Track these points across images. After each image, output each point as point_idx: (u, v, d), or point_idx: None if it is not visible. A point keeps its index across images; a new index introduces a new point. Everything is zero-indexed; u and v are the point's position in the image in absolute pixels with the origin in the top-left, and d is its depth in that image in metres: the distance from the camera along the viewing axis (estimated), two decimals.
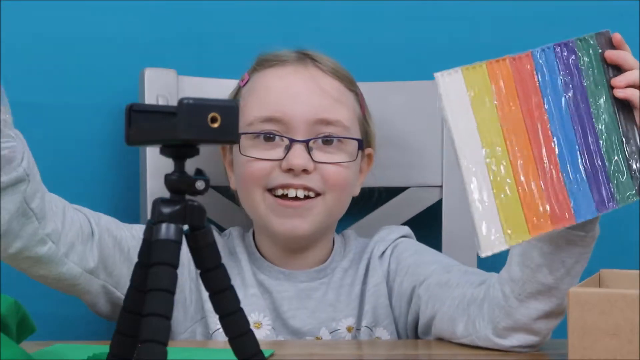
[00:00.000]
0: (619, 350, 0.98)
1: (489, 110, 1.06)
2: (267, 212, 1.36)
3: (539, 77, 1.10)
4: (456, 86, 1.05)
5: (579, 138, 1.11)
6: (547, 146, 1.09)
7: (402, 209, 1.58)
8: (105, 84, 1.60)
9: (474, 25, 1.64)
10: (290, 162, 1.34)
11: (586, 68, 1.12)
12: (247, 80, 1.43)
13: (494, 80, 1.07)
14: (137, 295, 0.83)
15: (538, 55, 1.10)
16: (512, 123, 1.07)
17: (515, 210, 1.06)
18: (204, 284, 0.84)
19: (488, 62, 1.07)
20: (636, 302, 0.97)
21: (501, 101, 1.07)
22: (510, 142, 1.07)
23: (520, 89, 1.08)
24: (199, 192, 0.82)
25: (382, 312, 1.38)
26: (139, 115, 0.83)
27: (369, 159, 1.45)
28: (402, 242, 1.43)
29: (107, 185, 1.61)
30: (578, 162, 1.10)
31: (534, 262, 1.16)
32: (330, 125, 1.37)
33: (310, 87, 1.38)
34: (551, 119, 1.10)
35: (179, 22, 1.62)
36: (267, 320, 1.36)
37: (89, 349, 1.15)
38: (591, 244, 1.16)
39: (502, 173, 1.06)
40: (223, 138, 0.80)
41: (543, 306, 1.18)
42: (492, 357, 1.20)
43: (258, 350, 0.84)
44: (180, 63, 1.58)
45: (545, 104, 1.10)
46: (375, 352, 1.32)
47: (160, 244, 0.80)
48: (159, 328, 0.78)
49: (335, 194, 1.37)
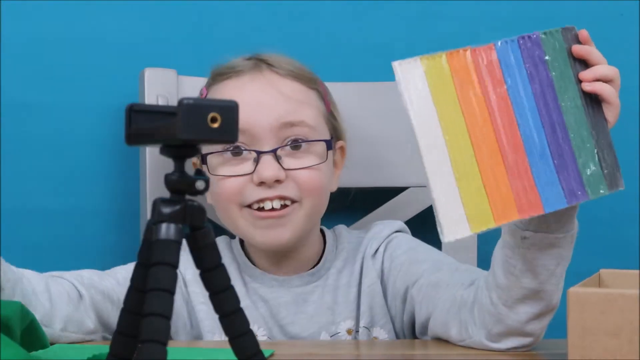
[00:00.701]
0: (619, 350, 0.98)
1: (450, 100, 1.06)
2: (247, 226, 1.35)
3: (503, 68, 1.09)
4: (415, 75, 1.05)
5: (547, 129, 1.10)
6: (513, 137, 1.08)
7: (402, 209, 1.58)
8: (105, 84, 1.60)
9: (474, 25, 1.64)
10: (260, 175, 1.32)
11: (552, 61, 1.12)
12: (205, 95, 1.40)
13: (454, 70, 1.07)
14: (137, 295, 0.83)
15: (501, 47, 1.10)
16: (475, 113, 1.07)
17: (479, 198, 1.06)
18: (204, 284, 0.84)
19: (448, 53, 1.07)
20: (636, 302, 0.97)
21: (462, 91, 1.07)
22: (474, 132, 1.07)
23: (482, 80, 1.08)
24: (199, 192, 0.82)
25: (378, 312, 1.38)
26: (139, 115, 0.83)
27: (341, 152, 1.44)
28: (395, 237, 1.42)
29: (107, 185, 1.61)
30: (546, 153, 1.10)
31: (517, 269, 1.16)
32: (295, 127, 1.35)
33: (270, 93, 1.36)
34: (517, 109, 1.09)
35: (179, 22, 1.62)
36: (262, 331, 1.36)
37: (89, 349, 1.15)
38: (571, 243, 1.16)
39: (465, 161, 1.06)
40: (223, 138, 0.80)
41: (531, 309, 1.18)
42: (490, 357, 1.20)
43: (258, 350, 0.84)
44: (180, 63, 1.58)
45: (510, 95, 1.09)
46: (374, 352, 1.32)
47: (160, 244, 0.80)
48: (159, 328, 0.78)
49: (311, 199, 1.35)
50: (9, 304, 1.04)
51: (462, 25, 1.64)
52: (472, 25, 1.64)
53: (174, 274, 0.79)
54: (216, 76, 1.40)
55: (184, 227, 0.82)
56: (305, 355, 1.23)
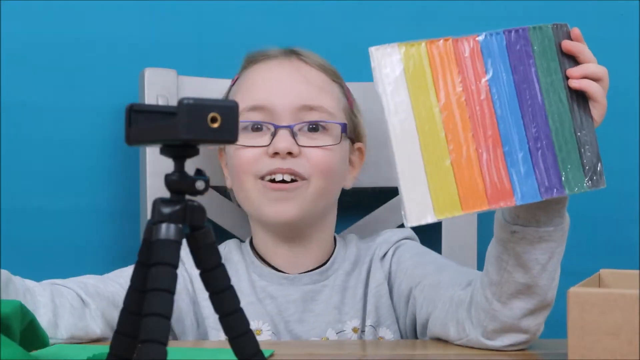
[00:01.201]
0: (619, 350, 0.98)
1: (425, 87, 1.07)
2: (258, 198, 1.38)
3: (485, 59, 1.10)
4: (391, 61, 1.06)
5: (527, 122, 1.11)
6: (490, 128, 1.09)
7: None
8: (105, 84, 1.60)
9: (476, 25, 1.64)
10: (275, 146, 1.36)
11: (539, 56, 1.12)
12: (237, 79, 1.47)
13: (432, 59, 1.07)
14: (137, 295, 0.83)
15: (485, 39, 1.10)
16: (452, 102, 1.07)
17: (447, 185, 1.06)
18: (204, 284, 0.84)
19: (428, 41, 1.08)
20: (636, 302, 0.97)
21: (440, 79, 1.07)
22: (448, 120, 1.07)
23: (462, 70, 1.09)
24: (199, 192, 0.82)
25: (384, 312, 1.39)
26: (139, 115, 0.83)
27: (360, 154, 1.47)
28: (404, 243, 1.44)
29: (107, 185, 1.61)
30: (524, 146, 1.10)
31: (509, 264, 1.17)
32: (314, 111, 1.39)
33: (294, 76, 1.41)
34: (497, 101, 1.09)
35: (179, 22, 1.62)
36: (267, 327, 1.36)
37: (89, 349, 1.15)
38: (561, 237, 1.17)
39: (435, 148, 1.06)
40: (223, 138, 0.80)
41: (525, 304, 1.18)
42: (491, 357, 1.20)
43: (258, 350, 0.84)
44: (180, 63, 1.58)
45: (490, 87, 1.09)
46: (375, 352, 1.32)
47: (160, 244, 0.80)
48: (159, 328, 0.78)
49: (320, 179, 1.38)
50: (9, 303, 1.04)
51: (462, 25, 1.64)
52: (473, 25, 1.64)
53: (174, 274, 0.79)
54: (247, 62, 1.46)
55: (184, 227, 0.82)
56: (305, 355, 1.23)
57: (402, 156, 1.05)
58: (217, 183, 1.52)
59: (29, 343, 1.07)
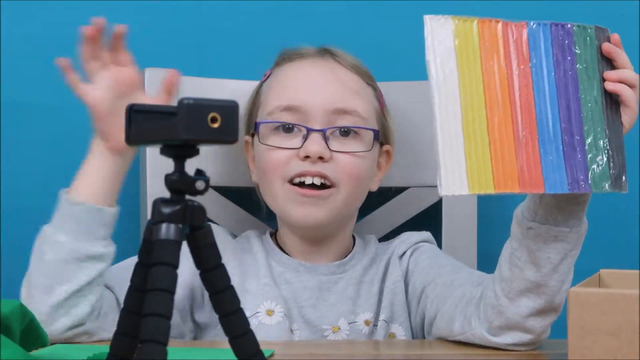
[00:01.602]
0: (619, 350, 0.98)
1: (473, 63, 1.08)
2: (285, 201, 1.38)
3: (531, 47, 1.11)
4: (443, 32, 1.07)
5: (562, 115, 1.11)
6: (527, 113, 1.10)
7: (402, 209, 1.58)
8: None
9: None
10: (307, 149, 1.36)
11: (580, 54, 1.13)
12: (269, 75, 1.46)
13: (482, 37, 1.09)
14: (137, 295, 0.83)
15: (533, 27, 1.11)
16: (495, 81, 1.09)
17: (483, 162, 1.07)
18: (204, 284, 0.84)
19: (480, 19, 1.09)
20: (636, 302, 0.97)
21: (486, 58, 1.08)
22: (490, 98, 1.08)
23: (507, 53, 1.10)
24: (199, 192, 0.82)
25: (398, 309, 1.40)
26: (139, 115, 0.83)
27: (387, 156, 1.47)
28: (422, 245, 1.45)
29: None
30: (557, 137, 1.11)
31: (521, 260, 1.17)
32: (347, 115, 1.39)
33: (329, 77, 1.41)
34: (536, 89, 1.10)
35: (179, 22, 1.62)
36: (280, 308, 1.37)
37: (89, 349, 1.15)
38: (576, 240, 1.17)
39: (476, 124, 1.07)
40: (223, 138, 0.80)
41: (532, 303, 1.18)
42: (492, 357, 1.20)
43: (258, 350, 0.84)
44: (180, 63, 1.57)
45: (532, 74, 1.11)
46: (374, 352, 1.32)
47: (160, 244, 0.80)
48: (159, 328, 0.78)
49: (350, 185, 1.38)
50: (8, 303, 1.04)
51: None
52: None
53: (174, 274, 0.79)
54: (281, 59, 1.46)
55: (184, 227, 0.82)
56: (305, 355, 1.23)
57: (444, 126, 1.06)
58: (217, 183, 1.52)
59: (29, 343, 1.07)
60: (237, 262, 1.41)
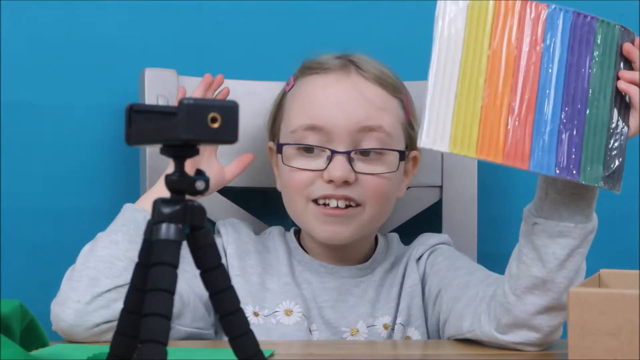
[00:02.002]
0: (619, 350, 0.98)
1: (482, 32, 1.10)
2: (310, 220, 1.39)
3: (547, 28, 1.12)
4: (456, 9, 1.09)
5: (565, 102, 1.12)
6: (529, 91, 1.11)
7: (402, 209, 1.58)
8: (105, 84, 1.60)
9: None
10: (331, 173, 1.35)
11: (599, 48, 1.14)
12: (292, 85, 1.45)
13: (497, 11, 1.10)
14: (137, 295, 0.83)
15: (553, 10, 1.12)
16: (502, 54, 1.10)
17: (470, 125, 1.09)
18: (204, 284, 0.84)
19: None
20: (636, 302, 0.97)
21: (499, 31, 1.10)
22: (492, 68, 1.10)
23: (521, 29, 1.11)
24: (199, 192, 0.82)
25: (415, 312, 1.41)
26: (139, 115, 0.83)
27: (414, 162, 1.47)
28: (440, 248, 1.45)
29: (107, 185, 1.61)
30: (555, 122, 1.12)
31: (527, 257, 1.18)
32: (373, 132, 1.38)
33: (353, 95, 1.39)
34: (543, 70, 1.11)
35: (179, 22, 1.62)
36: (298, 308, 1.38)
37: (89, 349, 1.15)
38: (583, 237, 1.17)
39: (472, 87, 1.09)
40: (223, 138, 0.80)
41: (540, 300, 1.18)
42: (504, 358, 1.20)
43: (258, 350, 0.84)
44: (180, 63, 1.57)
45: (543, 55, 1.12)
46: (374, 352, 1.32)
47: (160, 244, 0.80)
48: (159, 328, 0.78)
49: (375, 205, 1.38)
50: (8, 303, 1.04)
51: None
52: None
53: (174, 274, 0.79)
54: (305, 69, 1.44)
55: (184, 227, 0.82)
56: (305, 355, 1.23)
57: (438, 81, 1.08)
58: None
59: (29, 343, 1.07)
60: (259, 259, 1.41)
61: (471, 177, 1.57)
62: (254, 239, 1.44)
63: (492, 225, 1.63)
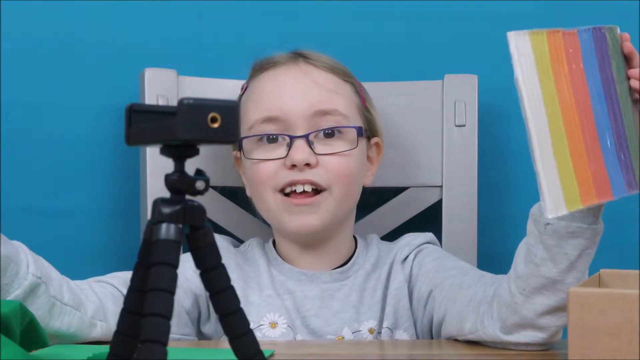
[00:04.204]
0: (619, 350, 0.98)
1: (548, 77, 1.07)
2: (279, 211, 1.38)
3: (582, 54, 1.11)
4: (526, 49, 1.06)
5: (611, 120, 1.12)
6: (589, 122, 1.09)
7: (402, 209, 1.58)
8: (105, 84, 1.60)
9: (476, 25, 1.64)
10: (292, 158, 1.35)
11: (612, 55, 1.14)
12: (246, 88, 1.46)
13: (552, 50, 1.08)
14: (137, 295, 0.83)
15: (581, 34, 1.11)
16: (565, 93, 1.08)
17: (570, 178, 1.06)
18: (204, 284, 0.84)
19: (549, 31, 1.08)
20: (636, 302, 0.97)
21: (556, 70, 1.08)
22: (565, 111, 1.07)
23: (569, 63, 1.10)
24: (199, 192, 0.82)
25: (402, 315, 1.40)
26: (139, 115, 0.83)
27: (377, 149, 1.47)
28: (426, 248, 1.44)
29: (107, 185, 1.61)
30: (612, 142, 1.11)
31: (538, 257, 1.17)
32: (329, 116, 1.38)
33: (303, 81, 1.40)
34: (592, 96, 1.10)
35: (179, 22, 1.62)
36: (283, 320, 1.37)
37: (89, 349, 1.15)
38: (593, 238, 1.16)
39: (559, 139, 1.06)
40: (223, 138, 0.80)
41: (548, 301, 1.18)
42: (494, 357, 1.20)
43: (258, 350, 0.84)
44: (180, 63, 1.58)
45: (587, 82, 1.11)
46: (374, 352, 1.32)
47: (160, 244, 0.80)
48: (159, 328, 0.78)
49: (341, 186, 1.38)
50: (8, 303, 1.04)
51: (463, 24, 1.64)
52: (473, 24, 1.64)
53: (174, 274, 0.79)
54: (255, 70, 1.45)
55: (184, 227, 0.82)
56: (305, 355, 1.23)
57: (541, 146, 1.04)
58: (217, 183, 1.52)
59: (29, 343, 1.07)
60: (240, 273, 1.41)
61: (471, 177, 1.57)
62: (233, 253, 1.43)
63: (492, 225, 1.63)
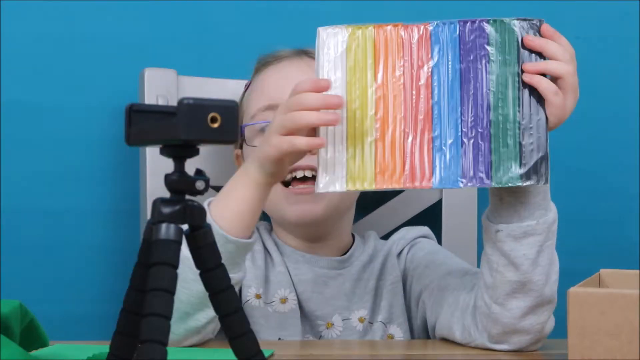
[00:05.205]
0: (619, 350, 0.98)
1: (364, 68, 1.13)
2: (280, 201, 1.37)
3: (432, 46, 1.13)
4: (336, 41, 1.13)
5: (464, 110, 1.13)
6: (423, 111, 1.13)
7: (402, 209, 1.58)
8: (105, 84, 1.60)
9: None
10: None
11: (495, 48, 1.13)
12: (248, 85, 1.46)
13: (377, 42, 1.13)
14: (137, 295, 0.83)
15: (436, 27, 1.14)
16: (388, 84, 1.13)
17: (365, 160, 1.12)
18: (204, 284, 0.84)
19: (377, 25, 1.14)
20: (636, 302, 0.97)
21: (381, 63, 1.13)
22: (380, 101, 1.13)
23: (406, 55, 1.13)
24: (199, 192, 0.82)
25: (397, 310, 1.40)
26: (139, 115, 0.83)
27: None
28: (420, 242, 1.45)
29: (107, 185, 1.61)
30: (457, 133, 1.13)
31: (499, 265, 1.17)
32: None
33: (306, 72, 1.40)
34: (435, 87, 1.13)
35: (179, 22, 1.62)
36: (293, 296, 1.37)
37: (89, 349, 1.15)
38: (547, 230, 1.17)
39: (361, 125, 1.12)
40: (223, 138, 0.80)
41: (523, 303, 1.18)
42: (492, 357, 1.20)
43: (258, 350, 0.84)
44: (180, 63, 1.58)
45: (433, 73, 1.13)
46: (374, 352, 1.32)
47: (160, 244, 0.80)
48: (159, 328, 0.78)
49: None
50: (8, 303, 1.04)
51: None
52: None
53: (174, 274, 0.79)
54: (259, 65, 1.46)
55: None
56: (305, 355, 1.23)
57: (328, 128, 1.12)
58: (218, 183, 1.52)
59: (29, 343, 1.07)
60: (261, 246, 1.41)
61: None
62: None
63: None
